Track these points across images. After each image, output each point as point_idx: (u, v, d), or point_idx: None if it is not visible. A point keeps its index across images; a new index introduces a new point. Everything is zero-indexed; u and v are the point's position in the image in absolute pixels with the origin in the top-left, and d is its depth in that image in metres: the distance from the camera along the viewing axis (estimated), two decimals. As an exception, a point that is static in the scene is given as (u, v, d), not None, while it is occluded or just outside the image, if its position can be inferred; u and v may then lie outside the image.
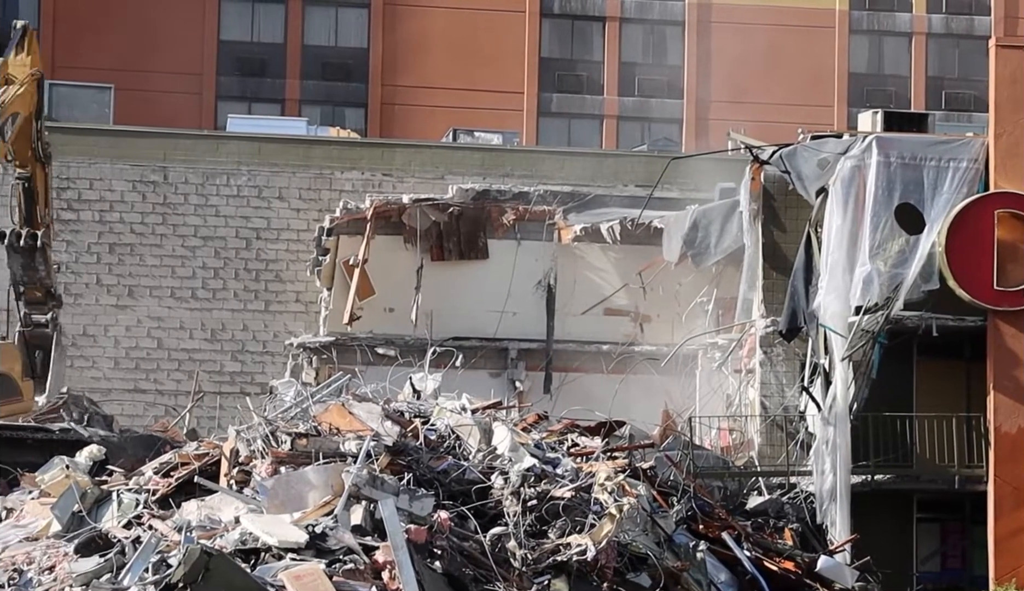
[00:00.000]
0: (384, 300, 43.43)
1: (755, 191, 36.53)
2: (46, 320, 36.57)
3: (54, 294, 36.86)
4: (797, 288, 34.74)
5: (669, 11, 66.60)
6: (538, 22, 66.03)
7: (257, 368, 45.95)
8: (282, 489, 25.28)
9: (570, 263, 44.10)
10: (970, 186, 34.85)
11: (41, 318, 36.56)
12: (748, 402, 37.32)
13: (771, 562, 28.41)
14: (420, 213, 43.65)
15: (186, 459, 28.31)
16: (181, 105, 61.96)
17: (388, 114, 64.81)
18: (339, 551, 23.85)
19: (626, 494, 26.57)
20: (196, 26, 64.14)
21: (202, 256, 46.20)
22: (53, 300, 36.81)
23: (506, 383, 43.03)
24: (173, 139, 47.05)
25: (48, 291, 36.56)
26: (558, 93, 66.15)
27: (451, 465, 26.73)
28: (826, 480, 33.83)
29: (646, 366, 41.25)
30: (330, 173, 46.61)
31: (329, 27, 65.84)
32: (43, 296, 36.50)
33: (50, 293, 36.65)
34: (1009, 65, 35.17)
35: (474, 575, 24.28)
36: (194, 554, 22.38)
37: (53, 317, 36.68)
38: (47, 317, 36.59)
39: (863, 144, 35.05)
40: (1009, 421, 34.42)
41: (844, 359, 34.08)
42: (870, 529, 33.30)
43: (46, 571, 24.74)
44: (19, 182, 35.85)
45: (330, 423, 27.68)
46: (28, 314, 36.60)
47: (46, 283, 36.29)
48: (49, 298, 36.67)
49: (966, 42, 67.67)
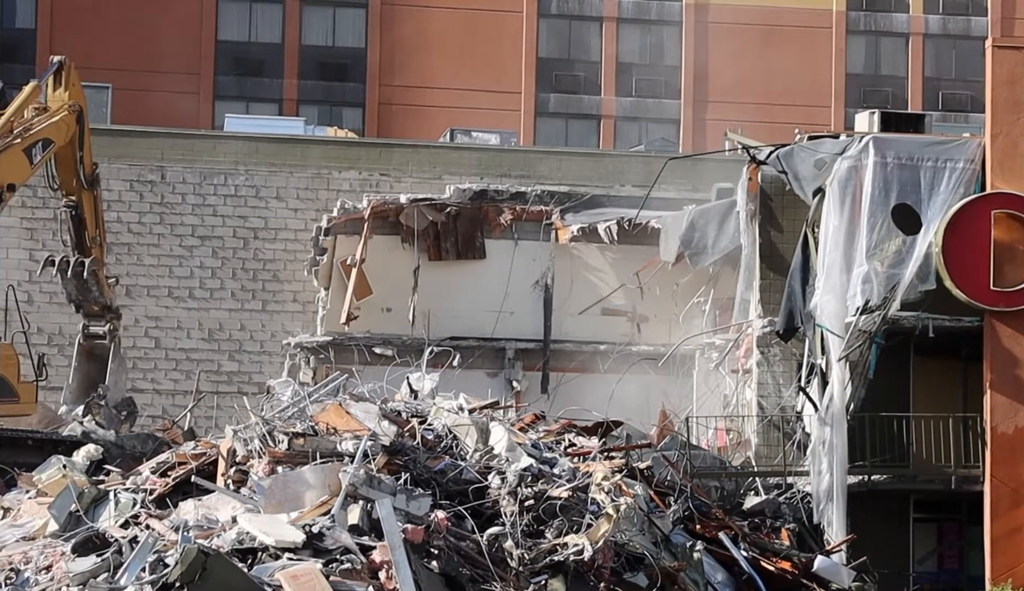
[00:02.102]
0: (381, 300, 43.46)
1: (752, 191, 36.54)
2: (104, 332, 37.47)
3: (111, 307, 37.68)
4: (794, 288, 34.75)
5: (666, 11, 66.63)
6: (535, 22, 66.05)
7: (254, 368, 45.98)
8: (279, 489, 25.30)
9: (567, 263, 44.14)
10: (967, 187, 34.86)
11: (99, 330, 37.47)
12: (745, 402, 37.34)
13: (768, 562, 28.44)
14: (417, 213, 43.67)
15: (183, 459, 28.32)
16: (179, 105, 61.95)
17: (386, 114, 64.83)
18: (336, 551, 23.87)
19: (623, 494, 26.59)
20: (194, 26, 64.13)
21: (199, 256, 46.23)
22: (111, 313, 37.66)
23: (503, 383, 43.06)
24: (171, 139, 47.09)
25: (105, 306, 37.40)
26: (555, 93, 66.17)
27: (448, 465, 26.74)
28: (823, 480, 33.84)
29: (643, 366, 41.26)
30: (327, 173, 46.65)
31: (327, 27, 65.85)
32: (100, 310, 37.42)
33: (107, 307, 37.50)
34: (1006, 66, 35.18)
35: (471, 575, 24.30)
36: (191, 554, 22.39)
37: (111, 329, 37.52)
38: (105, 329, 37.48)
39: (860, 144, 35.05)
40: (1005, 421, 34.44)
41: (841, 359, 34.09)
42: (867, 529, 33.30)
43: (43, 571, 24.74)
44: (67, 209, 36.67)
45: (327, 423, 27.69)
46: (86, 325, 37.51)
47: (100, 302, 37.19)
48: (107, 311, 37.55)
49: (963, 43, 67.71)
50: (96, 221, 37.13)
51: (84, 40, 61.87)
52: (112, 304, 37.73)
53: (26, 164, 34.81)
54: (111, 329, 37.48)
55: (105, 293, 37.21)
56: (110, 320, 37.55)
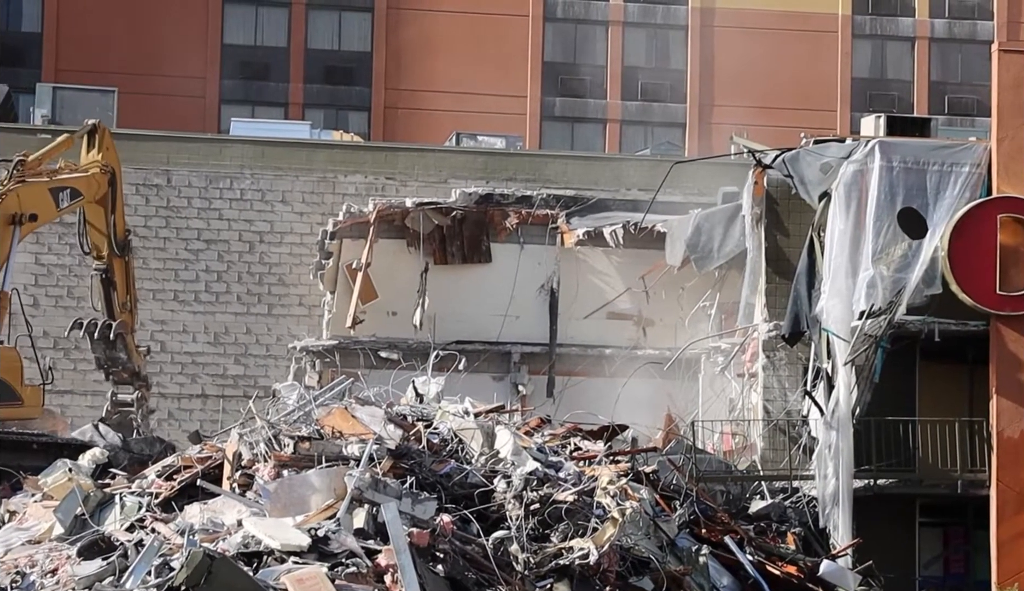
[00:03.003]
0: (387, 304, 43.47)
1: (758, 195, 36.53)
2: (132, 399, 37.32)
3: (140, 375, 37.52)
4: (800, 292, 34.74)
5: (672, 15, 66.65)
6: (541, 26, 66.07)
7: (260, 371, 46.01)
8: (284, 492, 25.31)
9: (573, 267, 44.12)
10: (973, 191, 34.84)
11: (127, 398, 37.33)
12: (751, 406, 37.32)
13: (773, 566, 28.42)
14: (423, 217, 43.69)
15: (189, 462, 28.34)
16: (185, 108, 62.01)
17: (391, 118, 64.86)
18: (341, 554, 23.88)
19: (629, 498, 26.60)
20: (200, 30, 64.19)
21: (205, 259, 46.26)
22: (139, 380, 37.51)
23: (509, 387, 43.04)
24: (177, 142, 47.14)
25: (134, 373, 37.26)
26: (561, 97, 66.20)
27: (454, 469, 26.74)
28: (829, 484, 33.83)
29: (649, 370, 41.23)
30: (333, 177, 46.68)
31: (332, 31, 65.89)
32: (129, 377, 37.27)
33: (136, 374, 37.33)
34: (1012, 70, 35.17)
35: (476, 579, 24.30)
36: (196, 557, 22.41)
37: (139, 398, 37.37)
38: (133, 397, 37.33)
39: (866, 148, 35.05)
40: (1012, 425, 34.41)
41: (847, 363, 34.08)
42: (873, 533, 33.29)
43: (49, 574, 24.75)
44: (97, 273, 36.65)
45: (333, 426, 27.71)
46: (115, 393, 37.40)
47: (129, 368, 37.09)
48: (135, 378, 37.39)
49: (969, 47, 67.69)
50: (127, 287, 37.01)
51: (90, 44, 61.97)
52: (141, 372, 37.51)
53: (51, 203, 34.74)
54: (139, 398, 37.29)
55: (134, 359, 37.02)
56: (139, 388, 37.35)
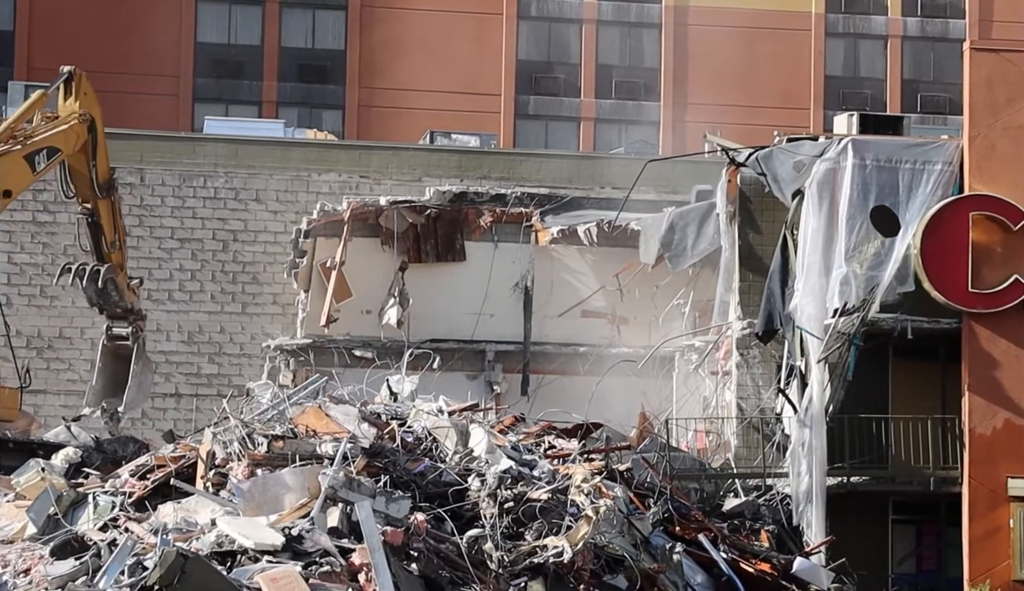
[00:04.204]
0: (361, 302, 43.45)
1: (731, 194, 36.62)
2: (126, 333, 37.34)
3: (133, 310, 37.56)
4: (773, 290, 34.82)
5: (646, 13, 66.68)
6: (515, 25, 66.03)
7: (234, 370, 45.90)
8: (258, 491, 25.29)
9: (547, 265, 44.14)
10: (945, 189, 34.97)
11: (122, 331, 37.33)
12: (724, 404, 37.40)
13: (747, 564, 28.50)
14: (397, 215, 43.68)
15: (162, 461, 28.30)
16: (158, 107, 61.84)
17: (365, 116, 64.76)
18: (315, 553, 23.87)
19: (603, 496, 26.63)
20: (173, 28, 64.00)
21: (179, 258, 46.14)
22: (133, 315, 37.55)
23: (483, 385, 43.05)
24: (150, 141, 46.99)
25: (127, 309, 37.30)
26: (535, 95, 66.18)
27: (428, 467, 26.76)
28: (802, 482, 33.91)
29: (623, 368, 41.26)
30: (307, 175, 46.60)
31: (306, 29, 65.77)
32: (123, 312, 37.27)
33: (129, 310, 37.38)
34: (983, 68, 35.31)
35: (451, 577, 24.32)
36: (170, 557, 22.39)
37: (134, 331, 37.41)
38: (127, 330, 37.35)
39: (839, 147, 35.15)
40: (983, 423, 34.55)
41: (820, 361, 34.17)
42: (846, 531, 33.39)
43: (21, 574, 24.70)
44: (83, 216, 36.56)
45: (307, 425, 27.69)
46: (109, 327, 37.38)
47: (121, 305, 37.06)
48: (129, 313, 37.44)
49: (941, 45, 67.86)
50: (115, 226, 36.94)
51: (63, 42, 61.68)
52: (134, 307, 37.57)
53: (27, 171, 34.60)
54: (134, 331, 37.33)
55: (126, 297, 37.05)
56: (133, 322, 37.40)
